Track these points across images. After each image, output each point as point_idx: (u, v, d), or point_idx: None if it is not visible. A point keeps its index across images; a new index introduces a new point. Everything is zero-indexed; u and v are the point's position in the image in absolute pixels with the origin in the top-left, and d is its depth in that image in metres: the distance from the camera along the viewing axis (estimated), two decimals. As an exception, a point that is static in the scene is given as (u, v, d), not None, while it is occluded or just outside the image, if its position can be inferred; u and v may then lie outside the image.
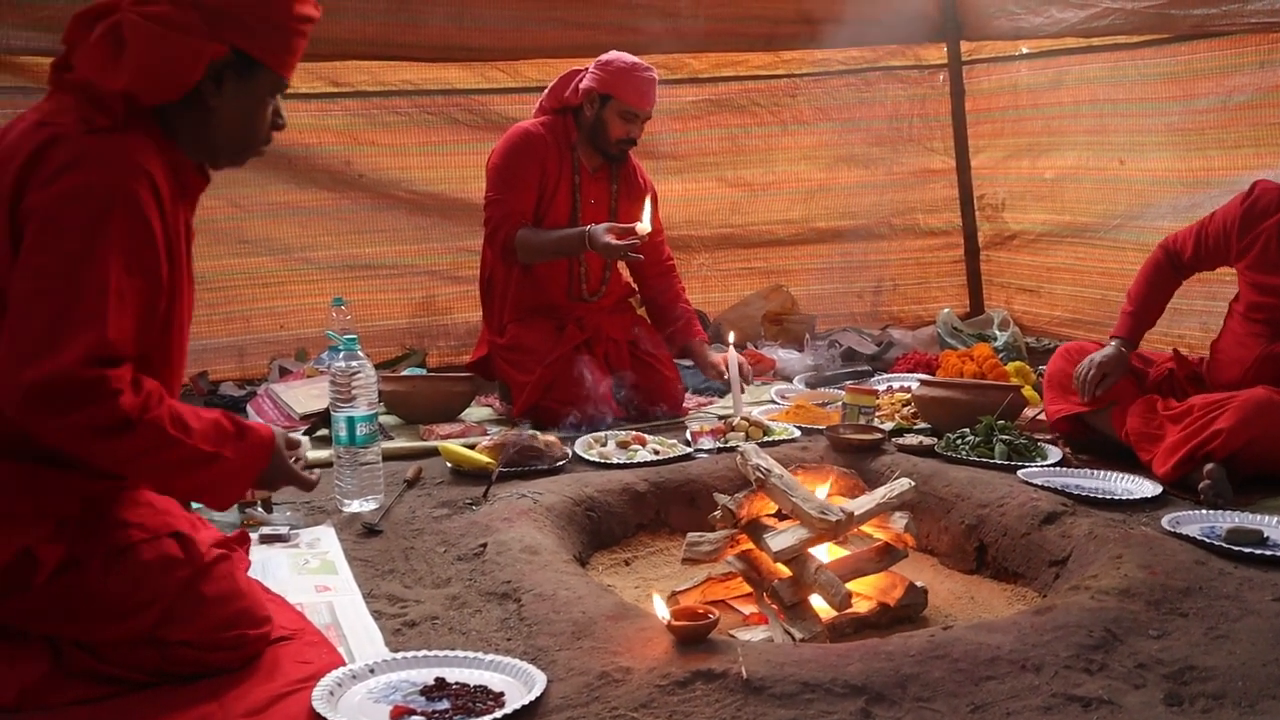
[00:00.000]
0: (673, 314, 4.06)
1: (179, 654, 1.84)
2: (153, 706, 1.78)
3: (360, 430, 2.75)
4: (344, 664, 1.91)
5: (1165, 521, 2.54)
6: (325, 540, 2.57)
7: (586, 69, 3.79)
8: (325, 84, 4.79)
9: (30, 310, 1.65)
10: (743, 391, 3.70)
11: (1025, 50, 5.33)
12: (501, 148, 3.83)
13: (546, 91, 3.92)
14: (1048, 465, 3.07)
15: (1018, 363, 4.26)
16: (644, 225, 3.53)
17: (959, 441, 3.21)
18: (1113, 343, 3.24)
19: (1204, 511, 2.65)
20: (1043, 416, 3.44)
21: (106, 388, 1.64)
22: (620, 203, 3.92)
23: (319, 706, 1.72)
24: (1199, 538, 2.44)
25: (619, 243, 3.51)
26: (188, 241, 1.91)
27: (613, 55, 3.76)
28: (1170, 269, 3.31)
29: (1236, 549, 2.37)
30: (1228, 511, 2.64)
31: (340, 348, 2.81)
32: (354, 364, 2.74)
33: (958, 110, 5.64)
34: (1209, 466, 2.77)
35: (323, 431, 3.45)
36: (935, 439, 3.30)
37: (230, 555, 1.97)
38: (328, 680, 1.81)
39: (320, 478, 2.09)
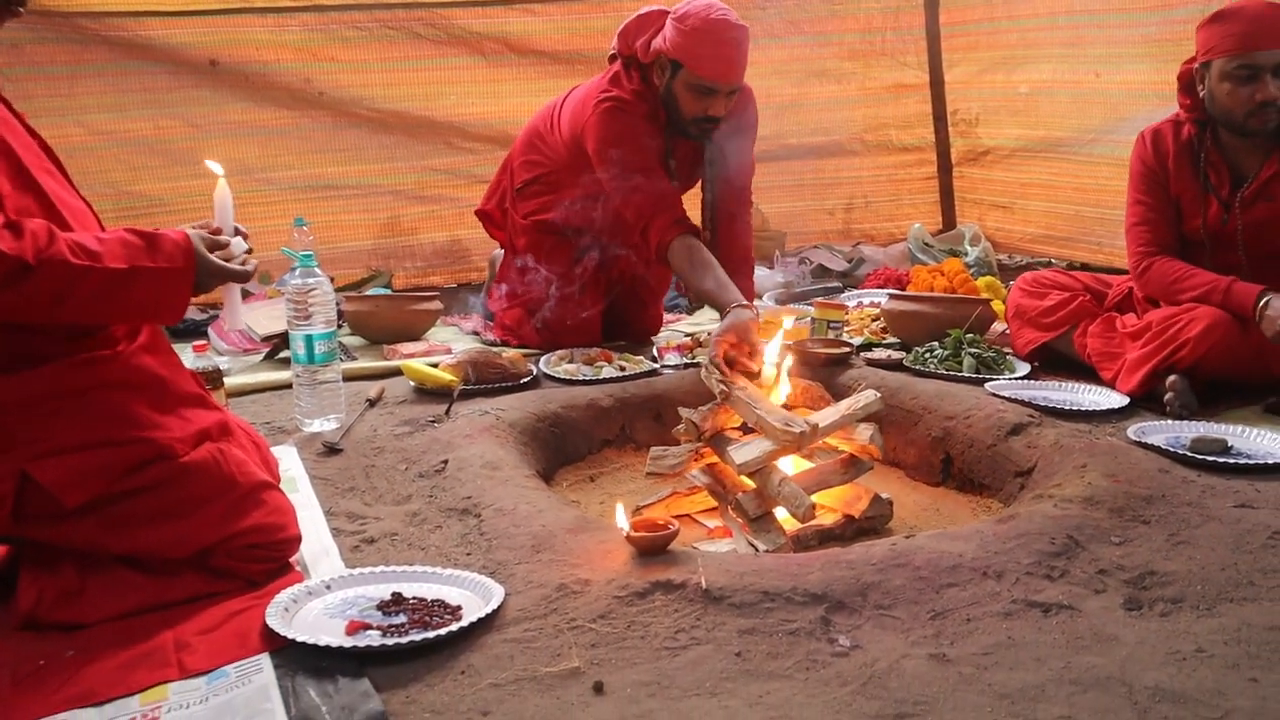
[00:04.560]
0: (733, 248, 3.46)
1: (220, 564, 1.85)
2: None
3: (318, 348, 2.70)
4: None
5: (1131, 432, 2.54)
6: (286, 459, 2.53)
7: (666, 14, 3.16)
8: (282, -3, 4.65)
9: None
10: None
11: (1000, -41, 5.23)
12: (605, 127, 3.20)
13: (619, 32, 3.34)
14: (1016, 378, 3.06)
15: (988, 278, 4.24)
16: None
17: (927, 355, 3.20)
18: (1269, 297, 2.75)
19: (1169, 422, 2.65)
20: (1010, 332, 3.43)
21: None
22: (714, 156, 3.44)
23: (273, 623, 1.69)
24: (1164, 447, 2.44)
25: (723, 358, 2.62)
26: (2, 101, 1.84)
27: (688, 3, 3.07)
28: (1174, 258, 3.01)
29: (1200, 458, 2.37)
30: (1192, 422, 2.65)
31: (297, 265, 2.74)
32: (310, 280, 2.68)
33: (932, 23, 5.55)
34: (1172, 378, 2.76)
35: (284, 353, 3.39)
36: (904, 353, 3.28)
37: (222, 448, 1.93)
38: (282, 597, 1.79)
39: (257, 268, 2.04)
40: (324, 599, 1.82)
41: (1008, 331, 3.45)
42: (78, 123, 4.33)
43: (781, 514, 2.30)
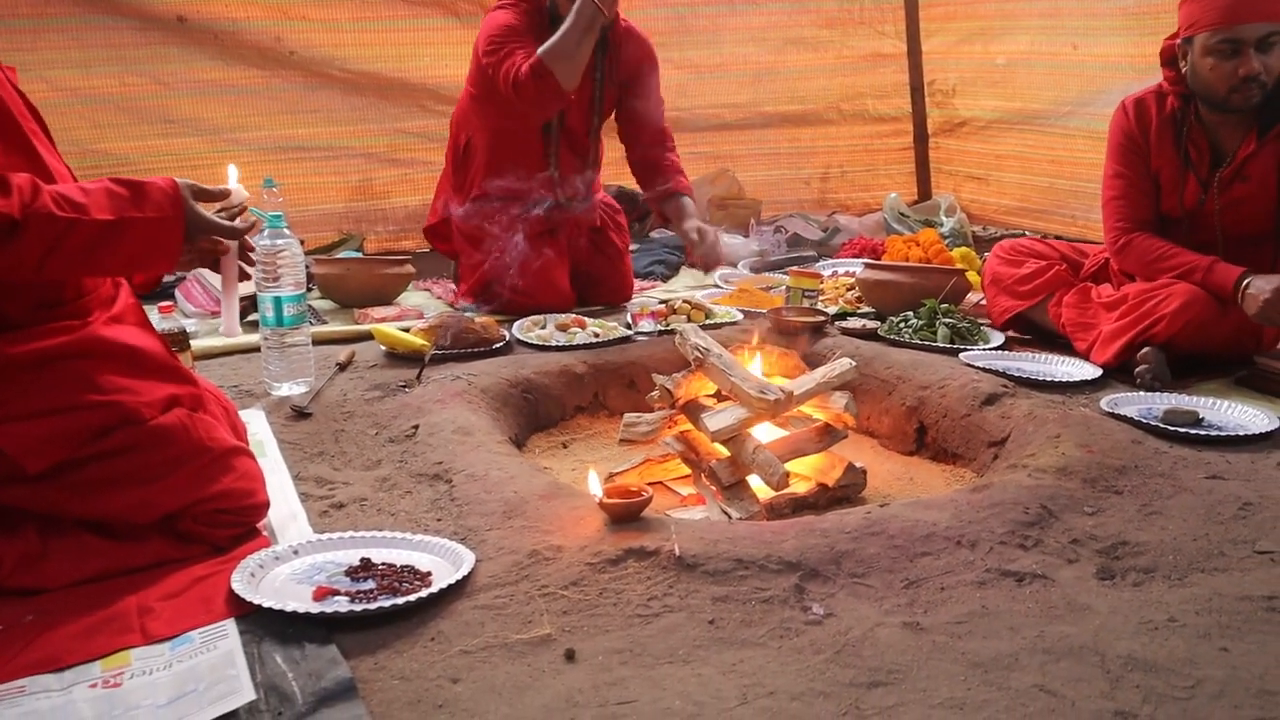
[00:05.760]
0: (660, 170, 3.75)
1: (186, 529, 1.83)
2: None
3: (287, 311, 2.65)
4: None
5: (1104, 403, 2.54)
6: (254, 423, 2.48)
7: None
8: (252, -48, 4.55)
9: None
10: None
11: (980, -71, 5.20)
12: (487, 25, 3.48)
13: None
14: (990, 348, 3.06)
15: (963, 249, 4.24)
16: None
17: (902, 325, 3.19)
18: (1250, 279, 2.75)
19: (1142, 394, 2.66)
20: (984, 302, 3.42)
21: None
22: (608, 89, 3.63)
23: (238, 588, 1.66)
24: (1136, 418, 2.45)
25: None
26: None
27: None
28: (1153, 234, 2.99)
29: (1172, 429, 2.38)
30: (1164, 394, 2.65)
31: (265, 226, 2.69)
32: (279, 242, 2.63)
33: (910, -9, 5.52)
34: (1145, 350, 2.77)
35: (252, 316, 3.33)
36: (879, 323, 3.27)
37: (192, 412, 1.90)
38: (249, 561, 1.76)
39: (252, 229, 2.01)
40: (291, 564, 1.79)
41: (983, 301, 3.45)
42: (41, 78, 4.22)
43: (755, 482, 2.29)
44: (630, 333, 3.22)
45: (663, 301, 3.59)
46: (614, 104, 3.72)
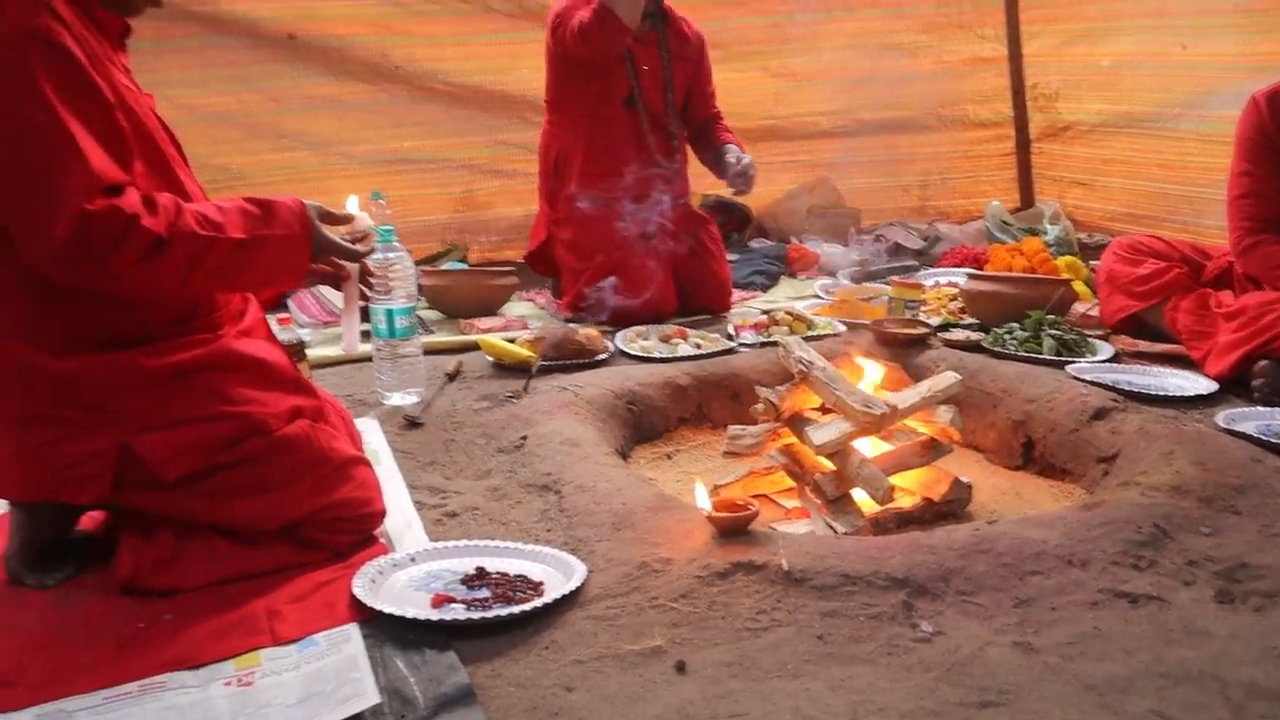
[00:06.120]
0: (714, 135, 3.90)
1: (308, 535, 1.91)
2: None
3: (399, 323, 2.74)
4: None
5: (1220, 419, 2.48)
6: (368, 432, 2.57)
7: None
8: (358, -28, 4.68)
9: (14, 185, 1.65)
10: None
11: (1084, -72, 5.10)
12: (551, 15, 3.66)
13: None
14: (1098, 361, 3.01)
15: (1069, 257, 4.16)
16: None
17: (1007, 336, 3.15)
18: None
19: (1260, 409, 2.58)
20: (1094, 312, 3.36)
21: (123, 216, 1.65)
22: (675, 64, 3.80)
23: (360, 594, 1.73)
24: (1255, 435, 2.38)
25: None
26: (137, 88, 1.88)
27: None
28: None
29: (1293, 446, 2.31)
30: (1284, 409, 2.58)
31: (377, 239, 2.78)
32: (391, 255, 2.71)
33: (1010, -6, 5.43)
34: (1261, 364, 2.69)
35: (364, 325, 3.43)
36: (983, 334, 3.24)
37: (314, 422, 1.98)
38: (369, 568, 1.83)
39: (369, 251, 2.07)
40: (408, 571, 1.86)
41: (1091, 310, 3.39)
42: (163, 97, 4.27)
43: (860, 496, 2.29)
44: (732, 344, 3.23)
45: (764, 312, 3.60)
46: (686, 82, 3.84)
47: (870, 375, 2.54)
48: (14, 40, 1.63)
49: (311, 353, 3.12)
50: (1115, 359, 3.05)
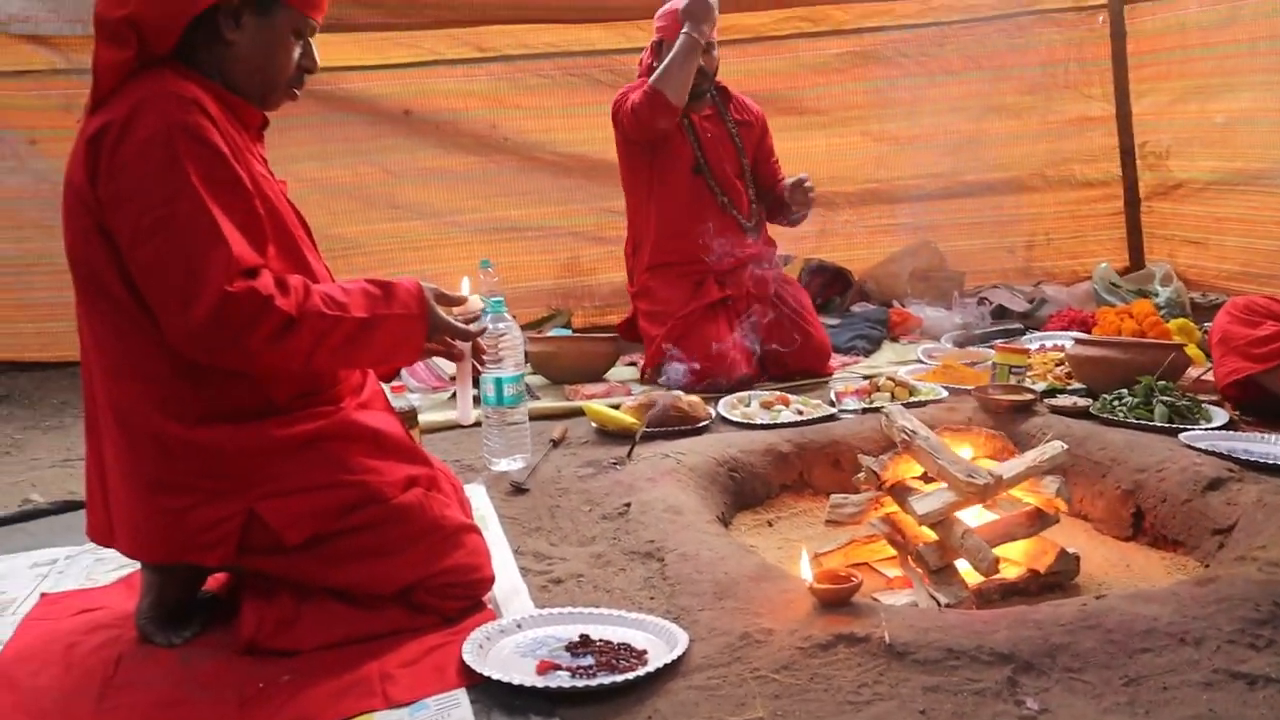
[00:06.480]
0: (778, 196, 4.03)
1: (420, 600, 1.98)
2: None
3: (507, 391, 2.82)
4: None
5: (1343, 489, 2.40)
6: (476, 497, 2.64)
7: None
8: (470, 49, 4.90)
9: (161, 269, 1.76)
10: None
11: (1195, -14, 5.04)
12: (615, 106, 3.93)
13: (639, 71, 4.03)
14: (1212, 428, 2.93)
15: (1181, 320, 4.07)
16: None
17: (1116, 403, 3.09)
18: None
19: (1387, 480, 2.49)
20: (1208, 377, 3.28)
21: (259, 296, 1.76)
22: (740, 130, 3.97)
23: (469, 659, 1.79)
24: (1381, 507, 2.30)
25: None
26: (271, 176, 2.01)
27: (665, 5, 3.84)
28: None
29: None
30: None
31: (488, 310, 2.88)
32: (501, 325, 2.81)
33: (1118, 53, 5.37)
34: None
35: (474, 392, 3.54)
36: (1091, 400, 3.18)
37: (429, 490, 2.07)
38: (477, 634, 1.88)
39: (484, 331, 2.15)
40: (515, 637, 1.91)
41: (1205, 375, 3.30)
42: (286, 172, 4.55)
43: (963, 566, 2.27)
44: (834, 410, 3.24)
45: (866, 378, 3.60)
46: (753, 149, 4.00)
47: (973, 445, 2.53)
48: (167, 134, 1.76)
49: (423, 418, 3.23)
50: (1231, 425, 2.97)
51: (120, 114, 1.77)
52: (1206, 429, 2.92)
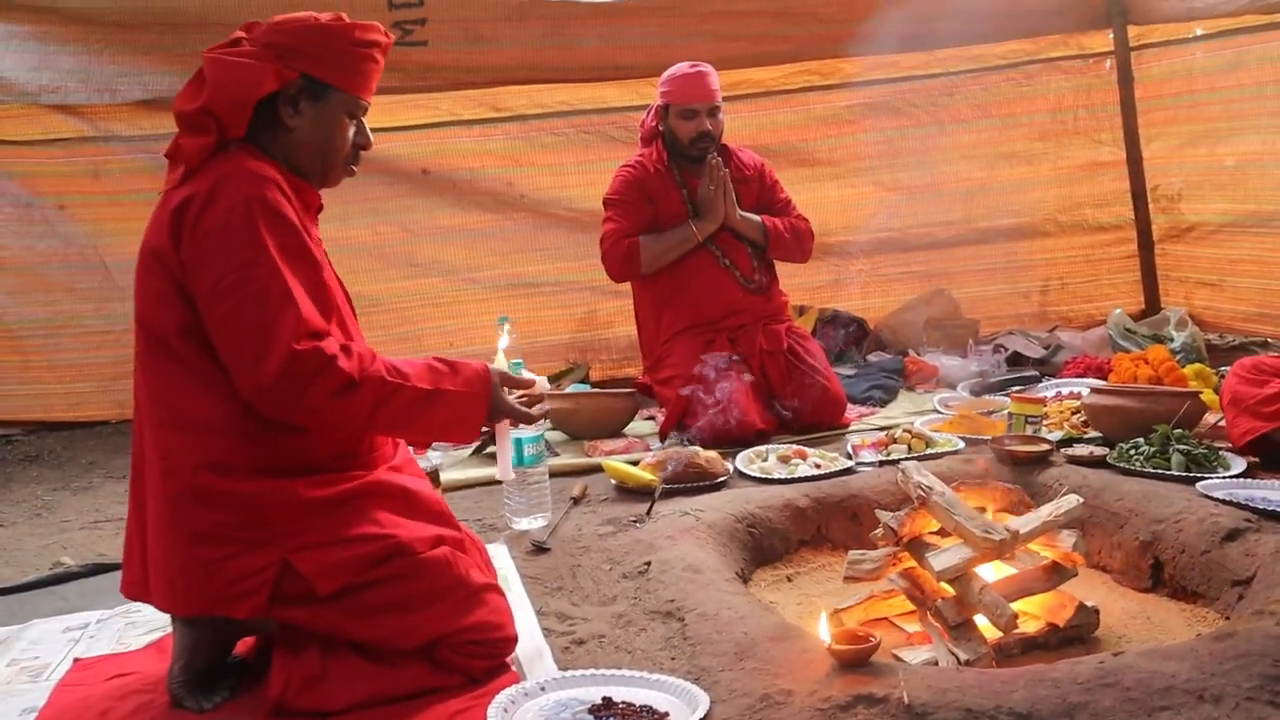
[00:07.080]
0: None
1: (444, 657, 2.04)
2: None
3: (528, 451, 2.86)
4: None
5: (1361, 539, 2.40)
6: (498, 557, 2.67)
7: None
8: (486, 110, 4.99)
9: (236, 325, 1.90)
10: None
11: (1200, 32, 5.10)
12: (612, 185, 4.06)
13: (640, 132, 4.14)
14: (1230, 477, 2.94)
15: (1197, 365, 4.08)
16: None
17: (1132, 452, 3.10)
18: None
19: (1406, 529, 2.49)
20: (1224, 424, 3.29)
21: (324, 355, 1.89)
22: (739, 189, 4.00)
23: (494, 724, 1.81)
24: (1399, 557, 2.30)
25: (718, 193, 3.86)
26: (324, 252, 2.12)
27: (667, 71, 3.93)
28: None
29: None
30: None
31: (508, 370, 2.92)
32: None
33: (1127, 99, 5.43)
34: None
35: (490, 448, 3.58)
36: (1107, 449, 3.19)
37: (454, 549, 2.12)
38: (502, 697, 1.91)
39: (548, 410, 2.26)
40: (539, 700, 1.93)
41: (1221, 424, 3.32)
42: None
43: (982, 621, 2.28)
44: (851, 463, 3.27)
45: (883, 429, 3.62)
46: (753, 201, 4.06)
47: (989, 500, 2.55)
48: (246, 206, 1.91)
49: (445, 476, 3.27)
50: (1248, 474, 2.98)
51: (204, 188, 1.93)
52: (1224, 477, 2.93)
